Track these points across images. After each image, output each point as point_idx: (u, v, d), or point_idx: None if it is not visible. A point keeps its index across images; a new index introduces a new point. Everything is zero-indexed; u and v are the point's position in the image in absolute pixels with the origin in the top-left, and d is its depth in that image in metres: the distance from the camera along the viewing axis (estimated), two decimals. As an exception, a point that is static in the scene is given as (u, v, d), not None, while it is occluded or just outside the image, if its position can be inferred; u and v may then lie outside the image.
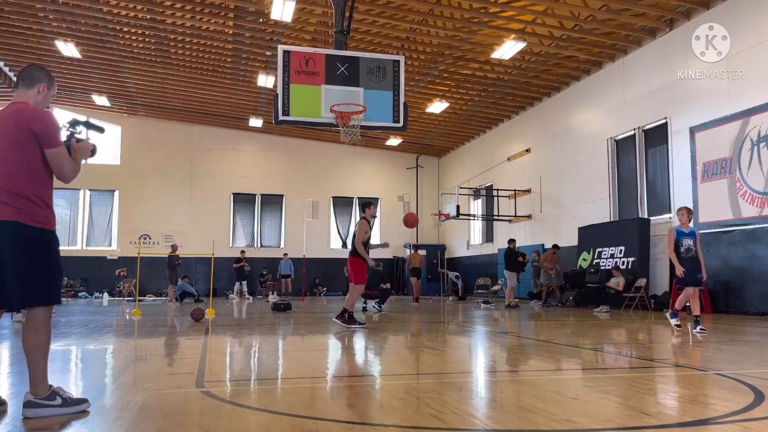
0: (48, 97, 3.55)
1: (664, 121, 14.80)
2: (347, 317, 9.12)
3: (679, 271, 8.22)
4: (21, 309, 3.51)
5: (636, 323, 10.66)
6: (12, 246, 3.24)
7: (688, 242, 8.30)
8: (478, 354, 6.72)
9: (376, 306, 14.37)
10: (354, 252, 9.29)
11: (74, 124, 3.64)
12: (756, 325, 9.34)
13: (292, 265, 23.72)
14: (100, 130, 3.89)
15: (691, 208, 13.49)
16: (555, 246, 17.06)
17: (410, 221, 9.65)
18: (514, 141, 22.00)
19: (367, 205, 9.70)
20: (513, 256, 15.93)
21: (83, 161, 3.60)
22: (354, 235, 9.50)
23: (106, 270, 23.92)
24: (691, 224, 8.57)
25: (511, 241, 16.42)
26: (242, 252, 23.62)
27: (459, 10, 14.49)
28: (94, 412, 3.37)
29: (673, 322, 8.37)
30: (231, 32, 16.66)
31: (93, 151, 3.64)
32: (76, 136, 3.58)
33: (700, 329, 7.92)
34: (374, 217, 9.65)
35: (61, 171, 3.38)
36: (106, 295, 21.46)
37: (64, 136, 3.53)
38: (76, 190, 24.72)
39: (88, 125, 3.75)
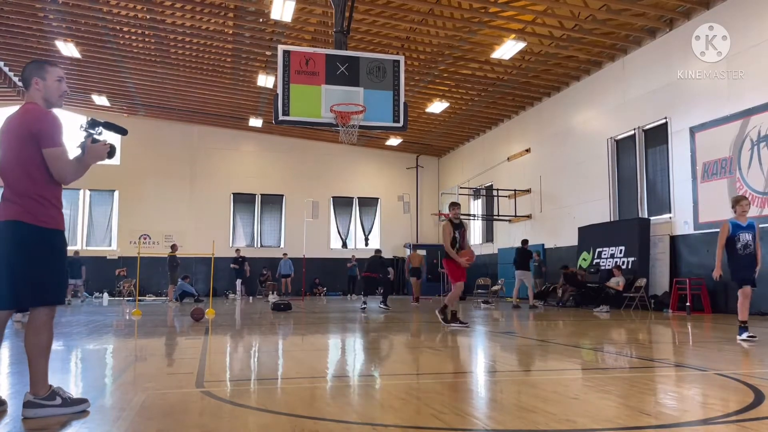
0: (49, 87, 3.46)
1: (664, 121, 14.80)
2: (450, 317, 9.44)
3: (716, 273, 7.27)
4: (23, 309, 3.50)
5: (636, 323, 10.65)
6: (15, 245, 3.24)
7: (746, 237, 7.42)
8: (478, 354, 6.72)
9: (382, 305, 14.53)
10: (446, 254, 9.57)
11: (93, 125, 3.53)
12: (756, 325, 9.32)
13: (292, 264, 23.74)
14: (122, 131, 3.71)
15: (692, 207, 13.67)
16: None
17: (470, 258, 9.75)
18: (514, 141, 22.00)
19: (452, 205, 9.90)
20: (527, 256, 15.96)
21: (99, 162, 3.55)
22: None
23: (106, 270, 23.92)
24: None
25: (525, 241, 16.41)
26: (237, 251, 23.54)
27: (459, 10, 14.48)
28: (94, 412, 3.37)
29: (745, 336, 7.08)
30: (231, 32, 16.65)
31: (111, 153, 3.54)
32: (94, 137, 3.50)
33: (749, 336, 7.01)
34: (458, 218, 9.72)
35: (58, 172, 3.35)
36: (106, 295, 21.44)
37: (81, 137, 3.48)
38: (76, 190, 24.73)
39: (108, 126, 3.60)
